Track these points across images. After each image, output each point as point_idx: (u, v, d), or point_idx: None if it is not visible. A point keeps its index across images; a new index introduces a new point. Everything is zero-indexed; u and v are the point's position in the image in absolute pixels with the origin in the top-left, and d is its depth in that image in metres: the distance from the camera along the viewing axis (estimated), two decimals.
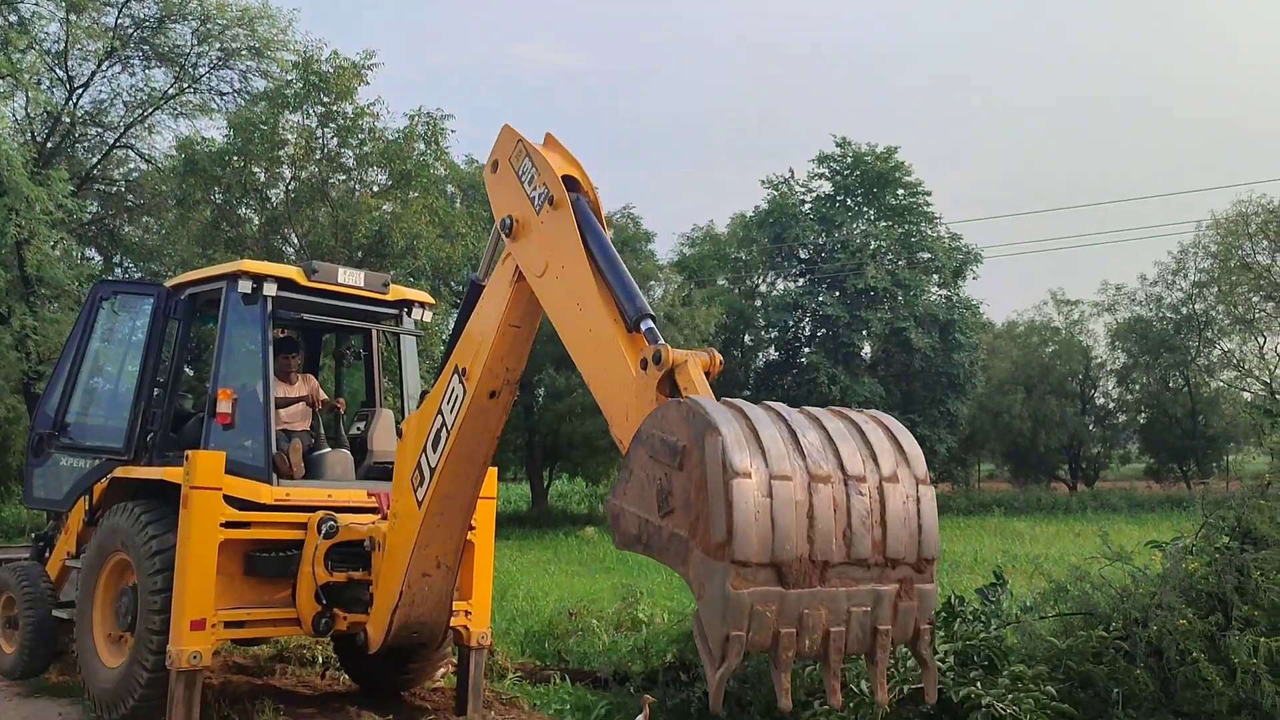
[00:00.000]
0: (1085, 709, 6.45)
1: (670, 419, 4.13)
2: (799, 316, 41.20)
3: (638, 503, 4.24)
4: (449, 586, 7.18)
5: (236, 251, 23.46)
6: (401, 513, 6.92)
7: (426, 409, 6.78)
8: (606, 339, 5.27)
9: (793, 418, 4.18)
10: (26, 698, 8.89)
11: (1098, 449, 50.91)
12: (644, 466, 4.21)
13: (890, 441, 4.29)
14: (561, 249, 5.68)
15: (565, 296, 5.63)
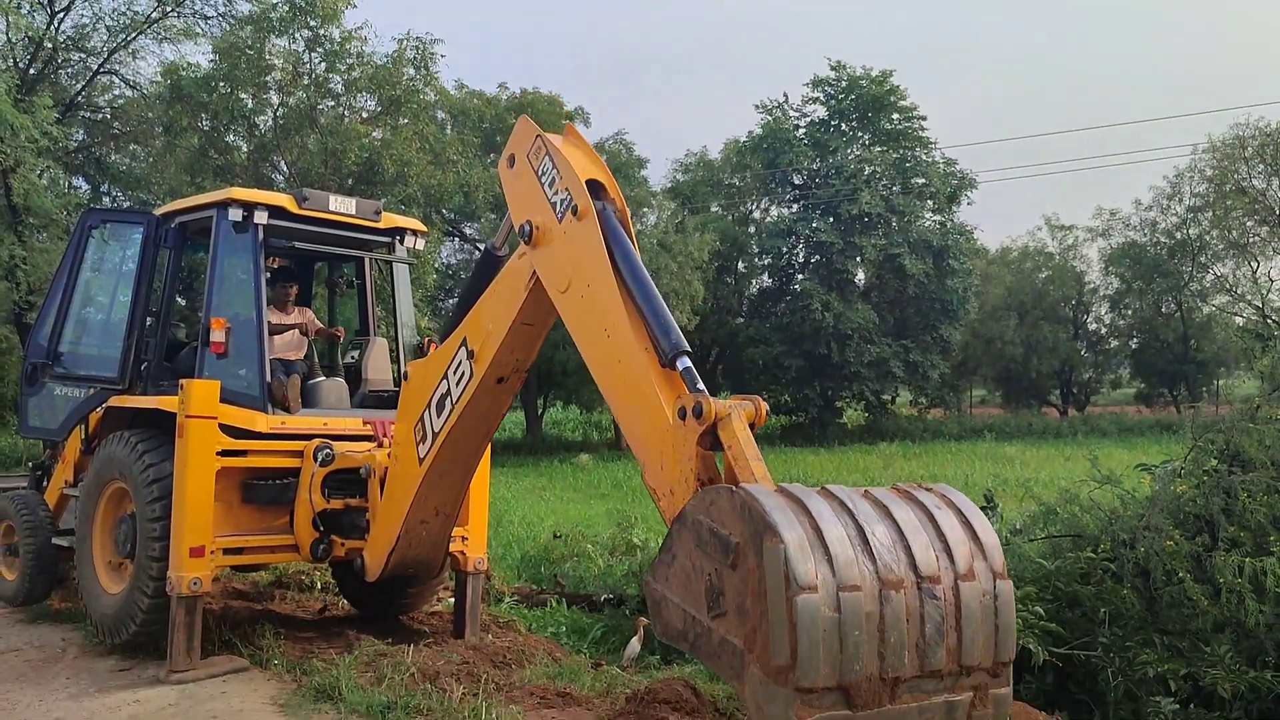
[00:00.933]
0: (1072, 628, 6.56)
1: (721, 509, 3.66)
2: (793, 243, 41.06)
3: (683, 594, 3.83)
4: (447, 531, 7.24)
5: (225, 179, 23.23)
6: (403, 459, 6.88)
7: (434, 365, 6.58)
8: (638, 376, 4.80)
9: (858, 509, 3.70)
10: (29, 624, 9.01)
11: (1089, 374, 51.28)
12: (690, 554, 3.79)
13: (965, 530, 3.82)
14: (587, 266, 5.18)
15: (591, 320, 5.15)
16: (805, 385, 39.27)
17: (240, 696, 6.71)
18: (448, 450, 6.52)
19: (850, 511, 3.64)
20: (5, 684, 7.11)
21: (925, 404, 47.16)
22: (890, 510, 3.71)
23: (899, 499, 3.79)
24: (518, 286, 5.81)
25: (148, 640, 7.56)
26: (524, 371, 6.32)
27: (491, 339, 6.01)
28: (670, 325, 4.80)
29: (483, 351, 6.08)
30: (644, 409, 4.72)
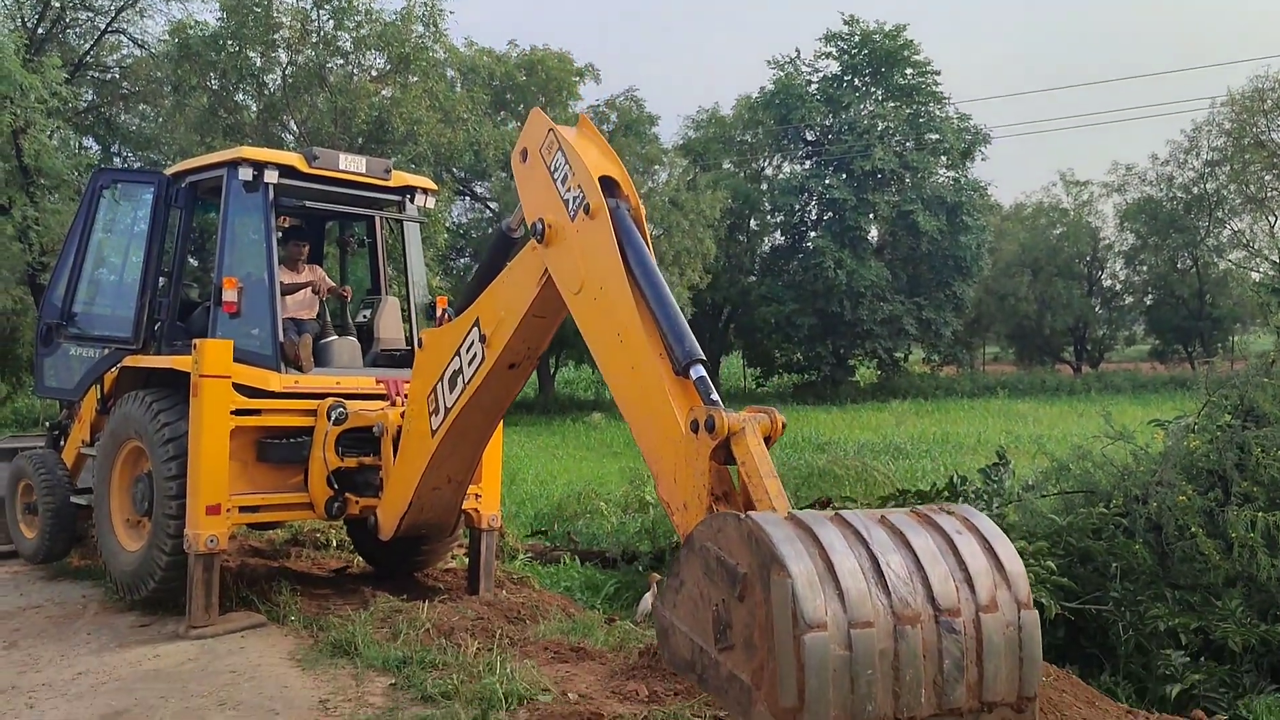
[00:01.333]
0: (1083, 583, 6.59)
1: (729, 538, 3.46)
2: (805, 200, 40.86)
3: (690, 623, 3.65)
4: (460, 496, 7.30)
5: (235, 139, 23.17)
6: (416, 427, 6.87)
7: (447, 338, 6.53)
8: (651, 384, 4.63)
9: (873, 537, 3.47)
10: (50, 581, 9.13)
11: (1103, 331, 51.09)
12: (698, 582, 3.60)
13: (988, 557, 3.58)
14: (600, 267, 5.02)
15: (604, 323, 4.99)
16: (817, 343, 39.23)
17: (258, 651, 6.80)
18: (460, 425, 6.53)
19: (864, 540, 3.43)
20: (28, 639, 7.21)
21: (938, 361, 47.09)
22: (907, 537, 3.50)
23: (918, 524, 3.58)
24: (529, 281, 5.71)
25: (166, 597, 7.65)
26: (536, 358, 6.27)
27: (503, 326, 5.96)
28: (684, 332, 4.63)
29: (494, 337, 6.03)
30: (657, 419, 4.58)
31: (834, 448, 17.37)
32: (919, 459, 16.82)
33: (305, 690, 6.00)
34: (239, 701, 5.81)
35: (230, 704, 5.77)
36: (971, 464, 12.27)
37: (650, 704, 5.50)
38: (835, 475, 11.62)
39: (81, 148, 27.14)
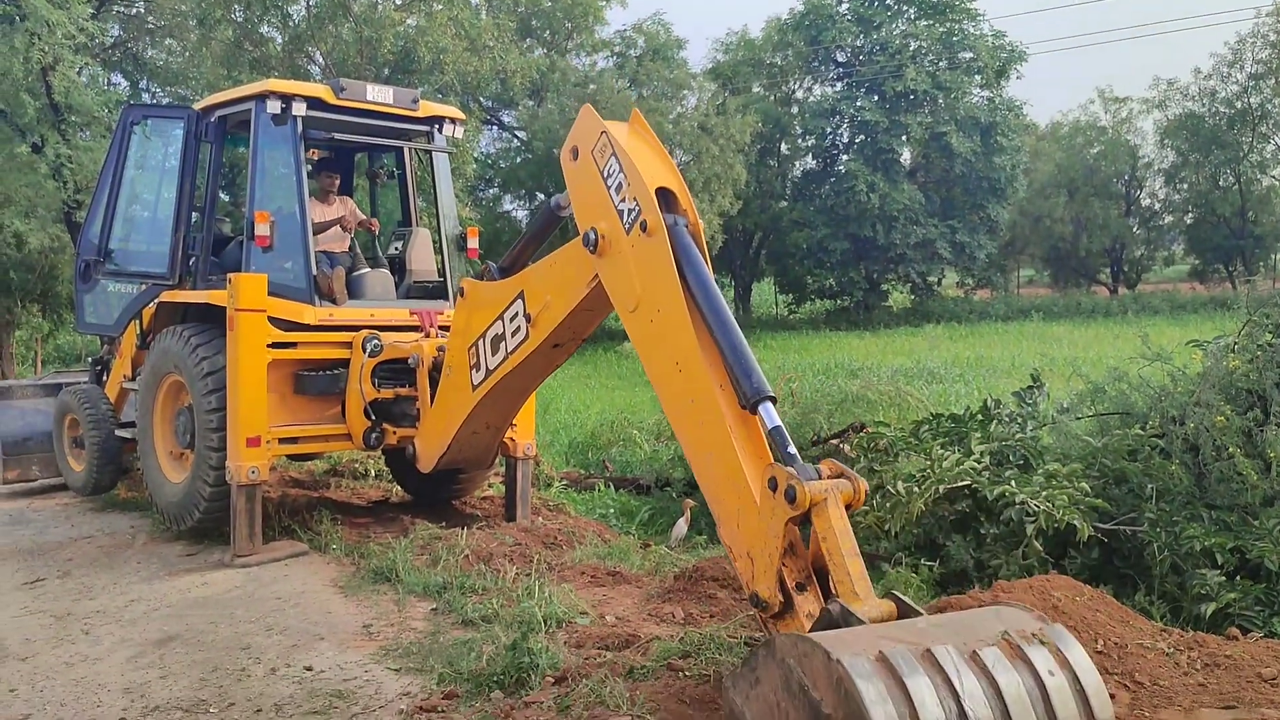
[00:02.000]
0: (1118, 504, 6.59)
1: (815, 670, 3.23)
2: (836, 123, 40.25)
3: (760, 707, 3.48)
4: (495, 440, 7.40)
5: (261, 72, 23.07)
6: (455, 375, 6.88)
7: (491, 297, 6.45)
8: (713, 422, 4.36)
9: (965, 687, 3.20)
10: (99, 512, 9.36)
11: (1141, 251, 50.28)
12: (775, 691, 3.40)
13: (1078, 702, 3.32)
14: (657, 290, 4.75)
15: (661, 349, 4.73)
16: (850, 268, 38.94)
17: (302, 579, 6.96)
18: (501, 385, 6.54)
19: (955, 693, 3.18)
20: (81, 569, 7.42)
21: (972, 285, 46.64)
22: (998, 683, 3.23)
23: (1010, 662, 3.31)
24: (579, 280, 5.51)
25: (211, 527, 7.83)
26: (581, 339, 6.20)
27: (550, 311, 5.82)
28: (752, 366, 4.32)
29: (540, 319, 5.91)
30: (719, 460, 4.33)
31: (867, 373, 17.32)
32: (953, 383, 16.75)
33: (349, 615, 6.15)
34: (285, 627, 5.97)
35: (277, 629, 5.93)
36: (1006, 387, 12.21)
37: (686, 625, 5.59)
38: (869, 400, 11.60)
39: (110, 84, 27.14)
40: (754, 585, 4.06)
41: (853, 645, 3.21)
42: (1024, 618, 3.51)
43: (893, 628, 3.37)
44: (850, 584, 3.67)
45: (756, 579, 4.04)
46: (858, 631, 3.35)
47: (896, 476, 6.73)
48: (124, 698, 5.00)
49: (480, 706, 4.62)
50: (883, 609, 3.60)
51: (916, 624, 3.41)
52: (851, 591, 3.65)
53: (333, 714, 4.70)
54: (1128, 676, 4.31)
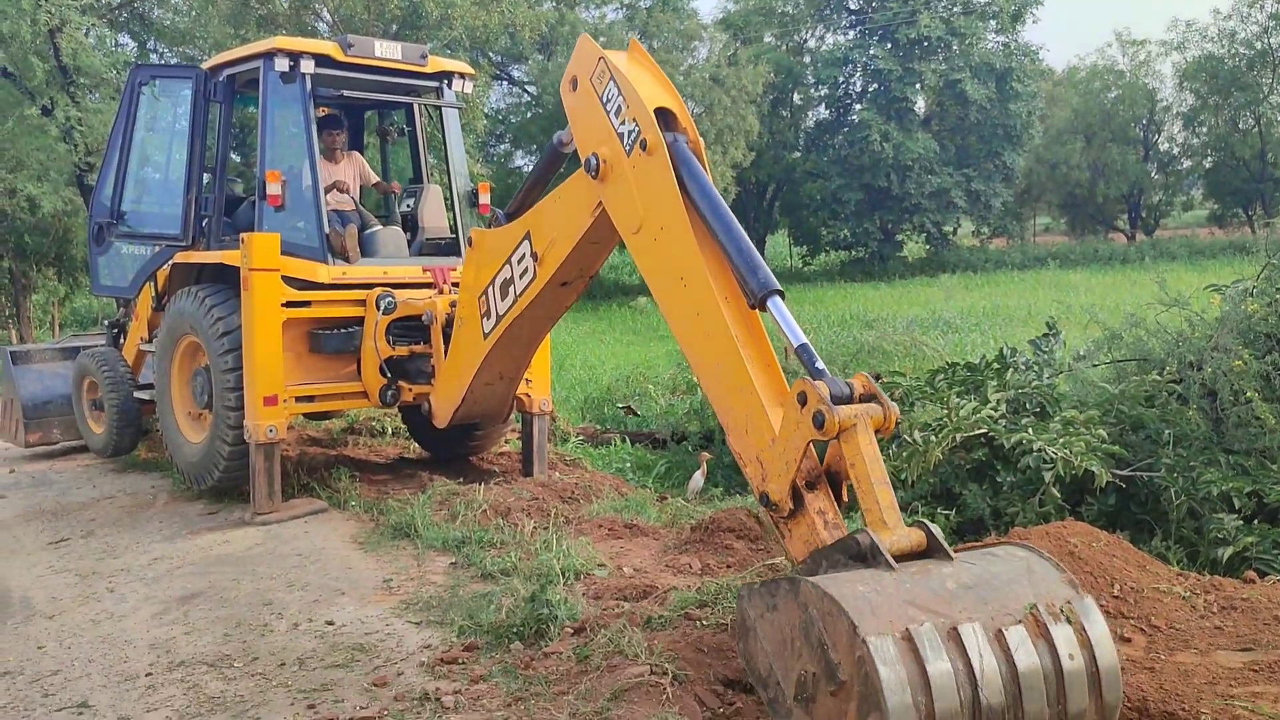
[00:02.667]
0: (1135, 450, 6.58)
1: (839, 632, 3.22)
2: (849, 72, 39.85)
3: (775, 650, 3.52)
4: (510, 391, 7.39)
5: (268, 30, 22.92)
6: (467, 327, 6.91)
7: (498, 244, 6.44)
8: (718, 331, 4.37)
9: (985, 667, 3.21)
10: (120, 473, 9.45)
11: (1159, 197, 49.77)
12: (794, 629, 3.41)
13: (1090, 685, 3.36)
14: (659, 207, 4.78)
15: (665, 266, 4.75)
16: (865, 219, 38.71)
17: (322, 536, 7.02)
18: (512, 331, 6.54)
19: (974, 679, 3.19)
20: (104, 528, 7.51)
21: (987, 234, 46.33)
22: (1017, 667, 3.25)
23: (1033, 641, 3.32)
24: (582, 210, 5.52)
25: (231, 486, 7.90)
26: (589, 276, 6.19)
27: (556, 248, 5.83)
28: (758, 263, 4.31)
29: (547, 257, 5.92)
30: (726, 370, 4.36)
31: (882, 324, 17.28)
32: (968, 333, 16.70)
33: (369, 571, 6.21)
34: (306, 583, 6.03)
35: (298, 585, 6.00)
36: (1022, 336, 12.16)
37: (703, 576, 5.63)
38: (884, 351, 11.59)
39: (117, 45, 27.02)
40: (764, 487, 4.08)
41: (879, 618, 3.19)
42: (1054, 581, 3.50)
43: (922, 589, 3.35)
44: (879, 513, 3.63)
45: (768, 480, 4.05)
46: (886, 592, 3.30)
47: (913, 426, 6.73)
48: (150, 653, 5.08)
49: (500, 658, 4.67)
50: (912, 539, 3.57)
51: (946, 582, 3.39)
52: (880, 520, 3.61)
53: (355, 667, 4.76)
54: (1144, 620, 4.33)
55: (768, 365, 4.32)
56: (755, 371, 4.24)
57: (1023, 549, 3.67)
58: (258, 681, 4.67)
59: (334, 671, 4.72)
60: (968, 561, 3.52)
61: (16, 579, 6.46)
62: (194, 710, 4.40)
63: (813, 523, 3.89)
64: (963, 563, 3.51)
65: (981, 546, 3.80)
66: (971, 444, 6.75)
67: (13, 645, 5.31)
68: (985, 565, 3.51)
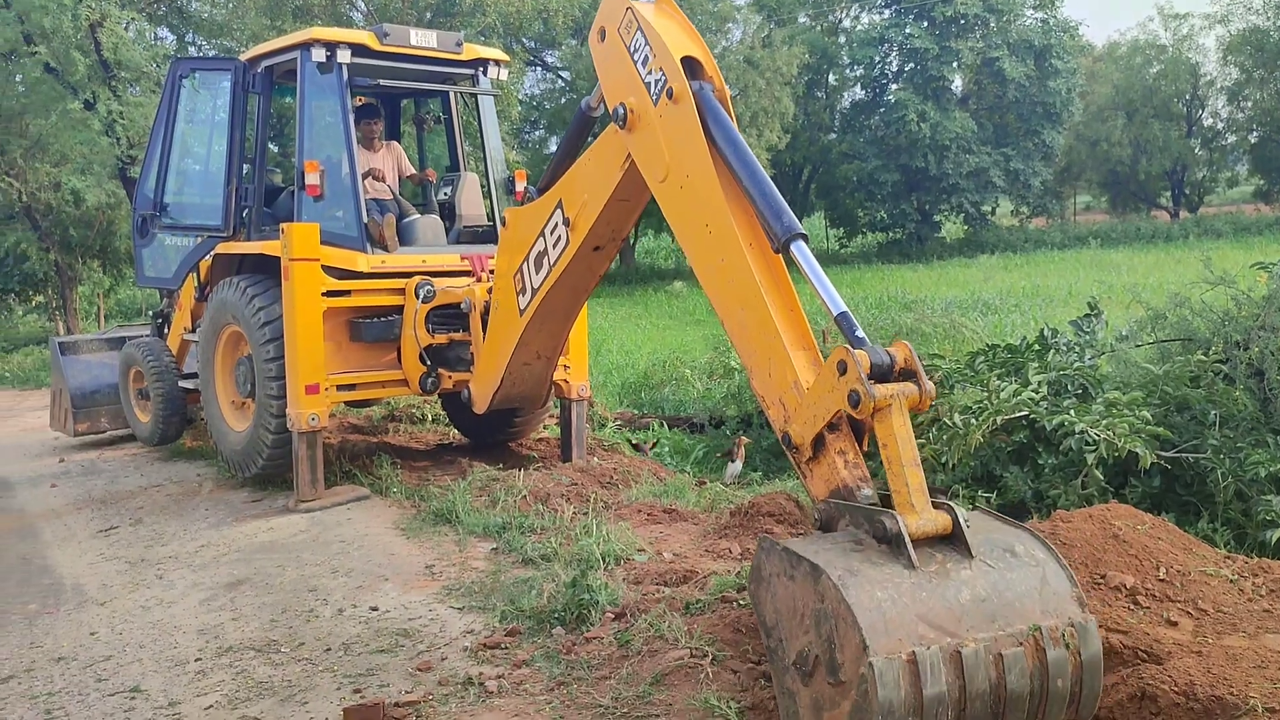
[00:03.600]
0: (1180, 432, 6.49)
1: (848, 641, 3.29)
2: (885, 51, 39.43)
3: (785, 610, 3.58)
4: (548, 371, 7.39)
5: (304, 20, 23.07)
6: (504, 306, 6.93)
7: (530, 218, 6.49)
8: (742, 276, 4.45)
9: (977, 689, 3.33)
10: (166, 461, 9.60)
11: (1203, 173, 48.90)
12: (806, 610, 3.48)
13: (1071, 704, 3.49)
14: (685, 155, 4.83)
15: (691, 213, 4.81)
16: (902, 200, 38.39)
17: (364, 522, 7.10)
18: (547, 305, 6.55)
19: (964, 698, 3.32)
20: (152, 516, 7.64)
21: (1027, 213, 45.76)
22: (1007, 685, 3.36)
23: (1028, 664, 3.40)
24: (612, 165, 5.57)
25: (275, 473, 8.00)
26: (620, 240, 6.20)
27: (587, 210, 5.87)
28: (782, 208, 4.36)
29: (578, 221, 5.95)
30: (750, 314, 4.43)
31: (921, 306, 17.14)
32: (1008, 313, 16.54)
33: (411, 557, 6.27)
34: (350, 569, 6.11)
35: (342, 571, 6.07)
36: (1063, 316, 12.03)
37: (742, 560, 5.64)
38: (923, 333, 11.50)
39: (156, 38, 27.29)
40: (787, 428, 4.12)
41: (890, 637, 3.26)
42: (1065, 597, 3.54)
43: (937, 601, 3.40)
44: (908, 495, 3.64)
45: (790, 423, 4.09)
46: (902, 603, 3.35)
47: (953, 409, 6.68)
48: (199, 639, 5.17)
49: (542, 642, 4.71)
50: (938, 523, 3.58)
51: (961, 593, 3.44)
52: (908, 503, 3.63)
53: (399, 652, 4.82)
54: (1191, 604, 4.28)
55: (790, 310, 4.39)
56: (779, 316, 4.31)
57: (1042, 548, 3.65)
58: (304, 666, 4.74)
59: (379, 656, 4.78)
60: (986, 562, 3.53)
61: (69, 566, 6.60)
62: (243, 695, 4.48)
63: (834, 463, 3.92)
64: (981, 563, 3.52)
65: (1005, 525, 3.78)
66: (1013, 426, 6.69)
67: (67, 631, 5.43)
68: (1001, 572, 3.53)
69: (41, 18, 18.23)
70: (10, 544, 7.25)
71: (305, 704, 4.34)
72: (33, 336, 23.87)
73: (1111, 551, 4.54)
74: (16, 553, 7.02)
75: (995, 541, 3.64)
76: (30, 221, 21.78)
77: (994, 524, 3.78)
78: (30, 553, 6.99)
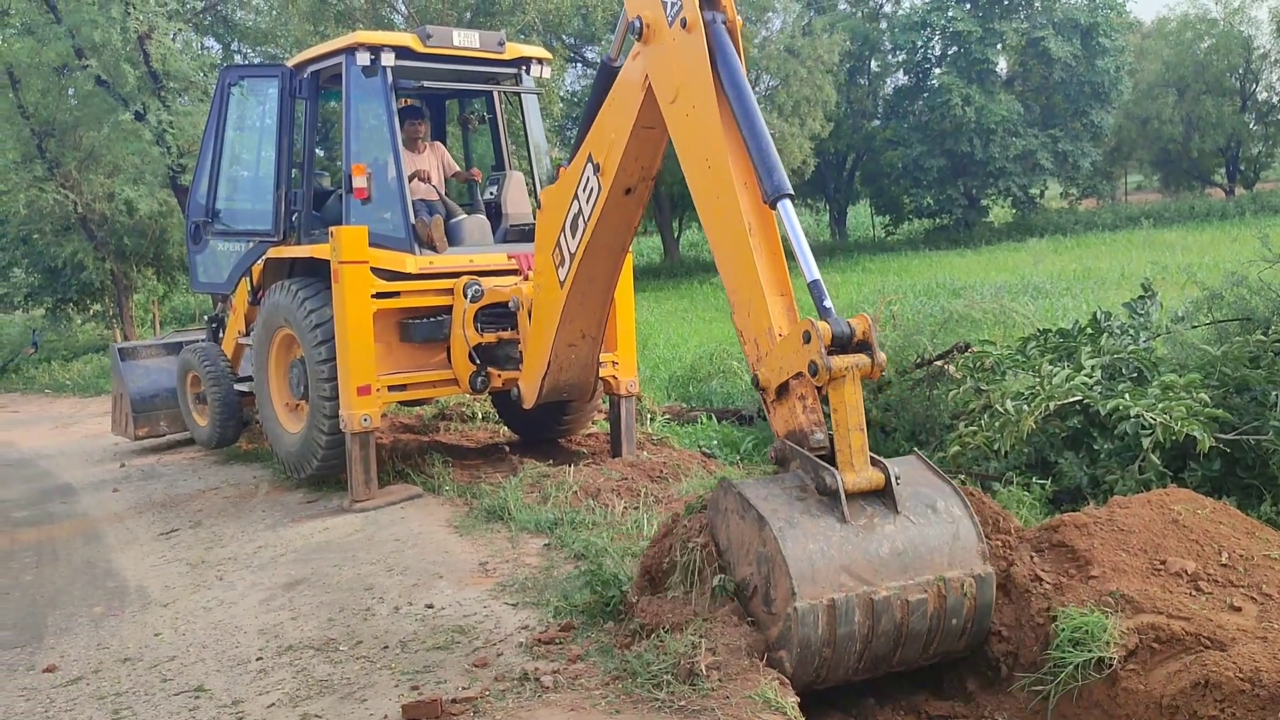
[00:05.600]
0: (1240, 414, 6.35)
1: (780, 581, 3.98)
2: (927, 35, 38.94)
3: (735, 541, 4.28)
4: (595, 353, 7.40)
5: (346, 24, 23.27)
6: (545, 285, 7.00)
7: (563, 187, 6.61)
8: (733, 218, 4.78)
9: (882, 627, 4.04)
10: (223, 464, 9.76)
11: (1259, 149, 47.71)
12: (751, 546, 4.17)
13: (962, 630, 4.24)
14: (693, 84, 5.06)
15: (694, 144, 5.08)
16: (948, 185, 37.90)
17: (418, 521, 7.17)
18: (585, 269, 6.58)
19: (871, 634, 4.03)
20: (211, 518, 7.77)
21: (1076, 195, 45.02)
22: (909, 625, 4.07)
23: (930, 608, 4.09)
24: (634, 90, 5.73)
25: (329, 474, 8.10)
26: (651, 180, 6.26)
27: (615, 148, 5.97)
28: (774, 164, 4.66)
29: (607, 163, 6.06)
30: (736, 253, 4.75)
31: (970, 291, 16.93)
32: (1059, 297, 16.30)
33: (465, 554, 6.33)
34: (405, 567, 6.17)
35: (398, 569, 6.14)
36: (1115, 299, 11.83)
37: None
38: (973, 319, 11.36)
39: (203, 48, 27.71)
40: (757, 369, 4.62)
41: (816, 585, 3.94)
42: (971, 552, 4.21)
43: (859, 553, 4.04)
44: (849, 455, 4.19)
45: (761, 364, 4.59)
46: (830, 555, 4.01)
47: (1005, 395, 6.60)
48: (259, 638, 5.26)
49: (597, 637, 4.73)
50: (873, 480, 4.18)
51: (882, 546, 4.09)
52: (849, 463, 4.18)
53: (455, 649, 4.86)
54: (1255, 588, 4.20)
55: (773, 255, 4.73)
56: (761, 261, 4.66)
57: (960, 504, 4.29)
58: (363, 664, 4.80)
59: (435, 653, 4.83)
60: (909, 518, 4.18)
61: (132, 569, 6.74)
62: (304, 693, 4.55)
63: (794, 407, 4.47)
64: (905, 518, 4.17)
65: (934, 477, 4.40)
66: (1066, 412, 6.60)
67: (132, 632, 5.55)
68: (920, 528, 4.17)
69: (91, 31, 18.58)
70: (76, 548, 7.42)
71: (364, 701, 4.40)
72: (91, 344, 24.38)
73: (1171, 537, 4.48)
74: (82, 556, 7.18)
75: (920, 496, 4.27)
76: (86, 232, 22.24)
77: (923, 476, 4.39)
78: (95, 556, 7.15)
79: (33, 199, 20.88)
